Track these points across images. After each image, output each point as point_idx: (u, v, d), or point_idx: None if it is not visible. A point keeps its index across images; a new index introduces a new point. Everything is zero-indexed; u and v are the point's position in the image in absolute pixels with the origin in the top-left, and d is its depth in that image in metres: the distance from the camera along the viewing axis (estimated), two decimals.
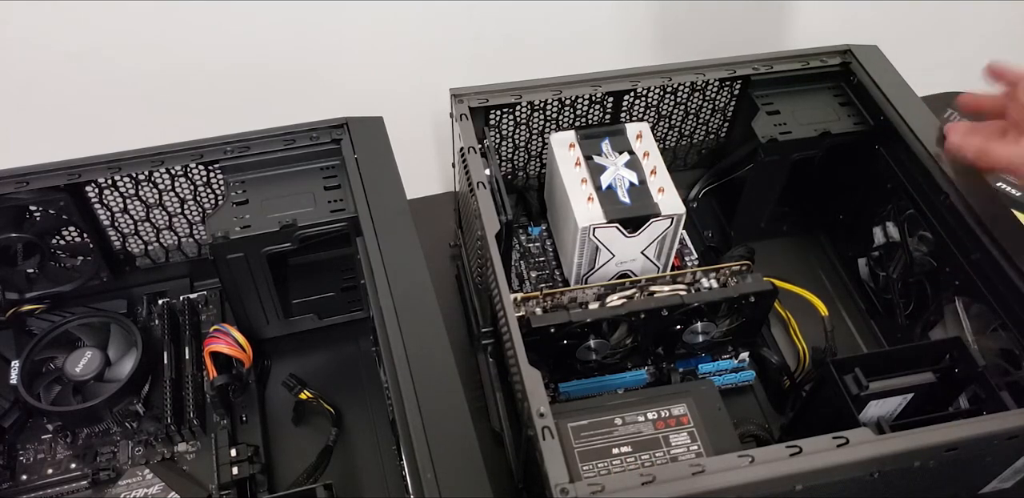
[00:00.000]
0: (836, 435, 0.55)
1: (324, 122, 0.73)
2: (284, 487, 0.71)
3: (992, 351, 0.68)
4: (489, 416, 0.75)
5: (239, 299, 0.74)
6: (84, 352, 0.71)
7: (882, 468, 0.56)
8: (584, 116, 0.82)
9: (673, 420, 0.63)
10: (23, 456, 0.70)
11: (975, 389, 0.65)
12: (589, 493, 0.52)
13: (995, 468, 0.64)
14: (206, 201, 0.77)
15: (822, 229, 0.93)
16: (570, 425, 0.61)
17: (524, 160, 0.87)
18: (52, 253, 0.74)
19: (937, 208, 0.71)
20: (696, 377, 0.76)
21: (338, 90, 1.03)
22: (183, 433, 0.71)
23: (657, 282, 0.72)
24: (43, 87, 0.99)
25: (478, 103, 0.76)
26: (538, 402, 0.56)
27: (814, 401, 0.70)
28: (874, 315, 0.85)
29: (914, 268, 0.77)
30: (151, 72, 0.99)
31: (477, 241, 0.70)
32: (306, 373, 0.77)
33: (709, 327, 0.71)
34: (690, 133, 0.90)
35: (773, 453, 0.54)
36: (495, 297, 0.64)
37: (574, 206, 0.72)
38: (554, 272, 0.82)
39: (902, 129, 0.74)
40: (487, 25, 1.08)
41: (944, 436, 0.55)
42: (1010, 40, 1.20)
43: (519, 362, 0.58)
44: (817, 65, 0.81)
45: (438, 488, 0.53)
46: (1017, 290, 0.63)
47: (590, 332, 0.68)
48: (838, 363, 0.64)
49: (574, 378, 0.73)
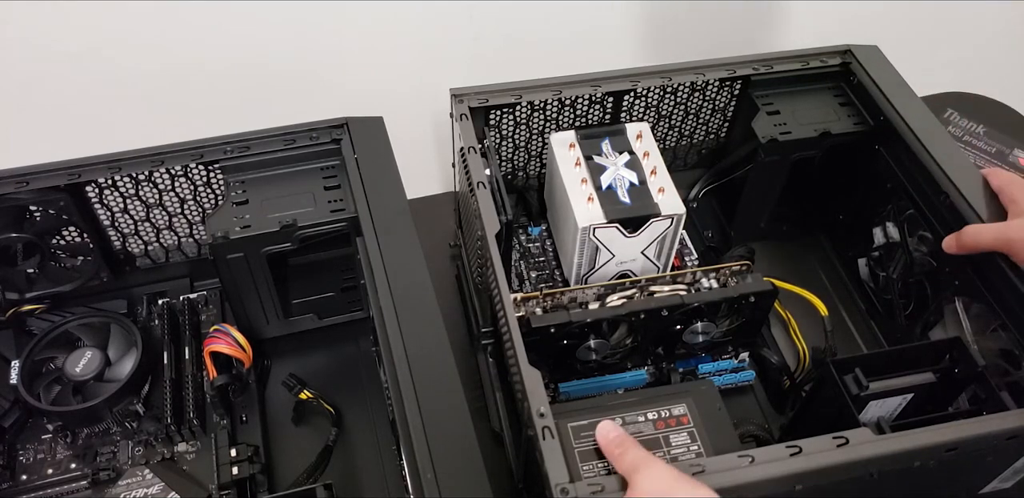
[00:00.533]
0: (836, 435, 0.55)
1: (324, 122, 0.73)
2: (284, 487, 0.71)
3: (992, 351, 0.68)
4: (489, 416, 0.76)
5: (239, 299, 0.74)
6: (84, 352, 0.71)
7: (882, 468, 0.56)
8: (584, 116, 0.82)
9: (673, 420, 0.63)
10: (23, 456, 0.70)
11: (975, 389, 0.65)
12: (589, 493, 0.52)
13: (995, 468, 0.64)
14: (206, 201, 0.77)
15: (822, 229, 0.93)
16: (570, 425, 0.61)
17: (524, 160, 0.87)
18: (52, 253, 0.74)
19: (937, 208, 0.71)
20: (696, 377, 0.76)
21: (338, 90, 1.03)
22: (183, 433, 0.71)
23: (657, 282, 0.72)
24: (43, 87, 0.99)
25: (478, 103, 0.76)
26: (538, 402, 0.56)
27: (814, 401, 0.70)
28: (874, 315, 0.85)
29: (914, 268, 0.77)
30: (151, 72, 0.99)
31: (477, 241, 0.70)
32: (306, 373, 0.78)
33: (709, 327, 0.71)
34: (690, 133, 0.90)
35: (773, 453, 0.54)
36: (495, 297, 0.64)
37: (574, 206, 0.72)
38: (554, 272, 0.82)
39: (902, 129, 0.74)
40: (487, 25, 1.08)
41: (944, 436, 0.55)
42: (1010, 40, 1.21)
43: (519, 362, 0.58)
44: (817, 65, 0.81)
45: (438, 488, 0.53)
46: (1017, 290, 0.63)
47: (590, 332, 0.68)
48: (838, 363, 0.64)
49: (574, 378, 0.73)
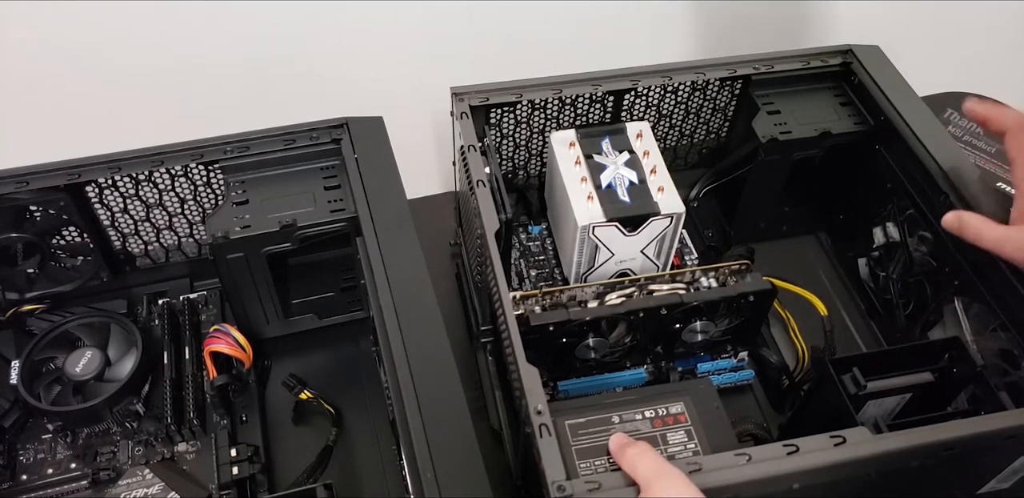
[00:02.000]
0: (833, 434, 0.55)
1: (324, 122, 0.73)
2: (284, 487, 0.71)
3: (991, 351, 0.68)
4: (488, 415, 0.76)
5: (239, 299, 0.74)
6: (84, 352, 0.71)
7: (880, 467, 0.56)
8: (584, 115, 0.82)
9: (671, 418, 0.63)
10: (23, 456, 0.70)
11: (974, 389, 0.65)
12: (586, 491, 0.52)
13: (993, 468, 0.64)
14: (206, 201, 0.77)
15: (822, 229, 0.93)
16: (567, 423, 0.61)
17: (524, 159, 0.87)
18: (52, 253, 0.74)
19: (937, 208, 0.71)
20: (695, 376, 0.76)
21: (338, 90, 1.03)
22: (183, 433, 0.71)
23: (656, 281, 0.72)
24: (43, 87, 0.99)
25: (479, 101, 0.76)
26: (536, 400, 0.56)
27: (812, 400, 0.70)
28: (873, 315, 0.85)
29: (914, 268, 0.77)
30: (151, 72, 0.99)
31: (477, 239, 0.70)
32: (306, 373, 0.77)
33: (708, 326, 0.71)
34: (690, 132, 0.90)
35: (770, 452, 0.54)
36: (494, 295, 0.64)
37: (574, 205, 0.72)
38: (553, 271, 0.82)
39: (902, 129, 0.74)
40: (487, 25, 1.08)
41: (941, 435, 0.55)
42: (1010, 40, 1.21)
43: (517, 360, 0.58)
44: (818, 65, 0.81)
45: (438, 488, 0.53)
46: (1016, 291, 0.63)
47: (589, 330, 0.68)
48: (836, 362, 0.64)
49: (573, 376, 0.73)
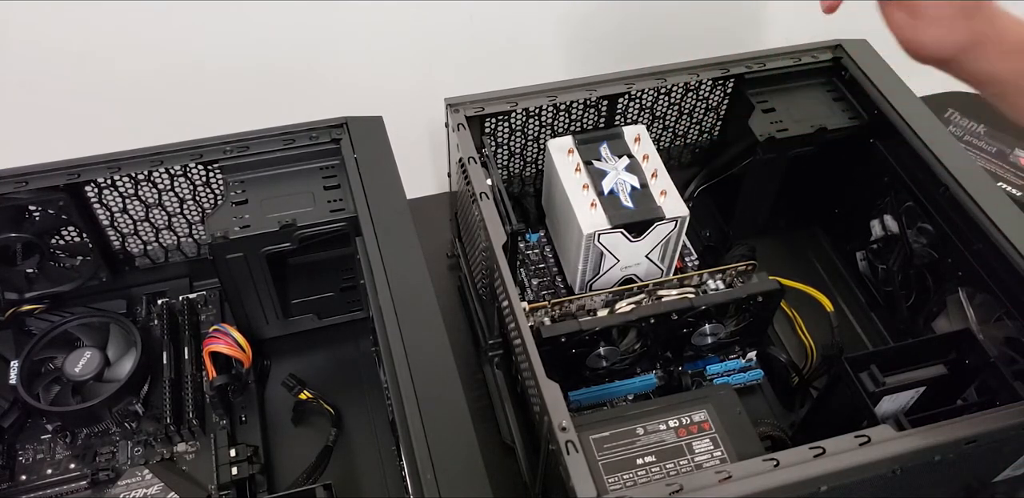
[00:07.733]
0: (858, 433, 0.55)
1: (323, 122, 0.73)
2: (284, 487, 0.71)
3: (998, 340, 0.68)
4: (499, 428, 0.75)
5: (239, 299, 0.74)
6: (83, 352, 0.70)
7: (904, 464, 0.55)
8: (579, 120, 0.82)
9: (695, 427, 0.62)
10: (22, 456, 0.70)
11: (984, 379, 0.64)
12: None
13: (1010, 457, 0.64)
14: (205, 201, 0.77)
15: (818, 224, 0.93)
16: (592, 437, 0.60)
17: (520, 166, 0.86)
18: (51, 253, 0.74)
19: (937, 200, 0.71)
20: (704, 378, 0.76)
21: (338, 90, 1.03)
22: (182, 433, 0.71)
23: (664, 286, 0.72)
24: (43, 87, 0.99)
25: (474, 112, 0.75)
26: (559, 416, 0.55)
27: (828, 399, 0.70)
28: (875, 307, 0.85)
29: (914, 260, 0.77)
30: (151, 72, 0.99)
31: (482, 252, 0.69)
32: (306, 373, 0.77)
33: (717, 328, 0.71)
34: (684, 133, 0.89)
35: (797, 455, 0.54)
36: (505, 310, 0.63)
37: (577, 213, 0.71)
38: (555, 279, 0.81)
39: (896, 122, 0.74)
40: (486, 25, 1.08)
41: (965, 430, 0.55)
42: None
43: (536, 375, 0.57)
44: (809, 61, 0.81)
45: (438, 488, 0.53)
46: (1021, 279, 0.63)
47: (599, 339, 0.68)
48: (852, 360, 0.64)
49: (583, 386, 0.73)
